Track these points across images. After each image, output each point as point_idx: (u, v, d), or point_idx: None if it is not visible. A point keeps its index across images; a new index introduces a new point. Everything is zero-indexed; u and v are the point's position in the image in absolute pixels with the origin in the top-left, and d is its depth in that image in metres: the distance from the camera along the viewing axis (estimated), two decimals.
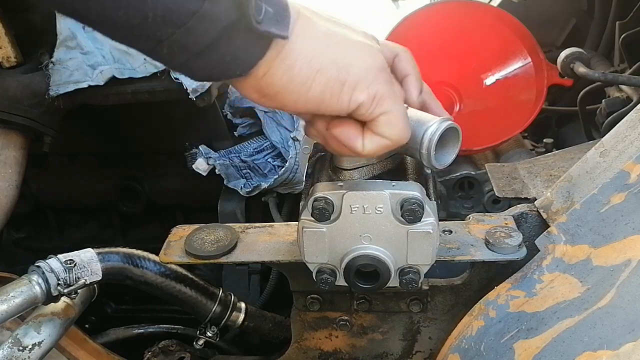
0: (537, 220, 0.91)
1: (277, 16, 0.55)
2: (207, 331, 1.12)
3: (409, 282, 0.79)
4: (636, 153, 0.77)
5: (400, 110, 0.65)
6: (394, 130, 0.65)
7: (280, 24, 0.55)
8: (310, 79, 0.58)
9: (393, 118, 0.64)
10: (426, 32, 1.52)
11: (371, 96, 0.61)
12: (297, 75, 0.58)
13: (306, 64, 0.58)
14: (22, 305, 0.90)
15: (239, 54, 0.55)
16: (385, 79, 0.63)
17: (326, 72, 0.59)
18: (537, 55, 1.50)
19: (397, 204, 0.74)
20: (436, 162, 0.73)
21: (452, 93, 1.52)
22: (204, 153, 1.45)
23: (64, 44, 1.30)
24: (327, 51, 0.59)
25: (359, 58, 0.61)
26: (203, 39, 0.52)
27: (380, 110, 0.63)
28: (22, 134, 1.34)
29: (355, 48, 0.61)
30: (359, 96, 0.61)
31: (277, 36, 0.55)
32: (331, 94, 0.60)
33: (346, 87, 0.60)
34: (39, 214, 1.73)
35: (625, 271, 0.71)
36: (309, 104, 0.60)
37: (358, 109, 0.62)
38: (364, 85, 0.61)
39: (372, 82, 0.61)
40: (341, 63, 0.59)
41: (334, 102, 0.61)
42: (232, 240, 0.93)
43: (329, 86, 0.59)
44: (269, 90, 0.59)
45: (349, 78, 0.60)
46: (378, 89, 0.62)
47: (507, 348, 0.76)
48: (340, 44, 0.60)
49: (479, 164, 1.55)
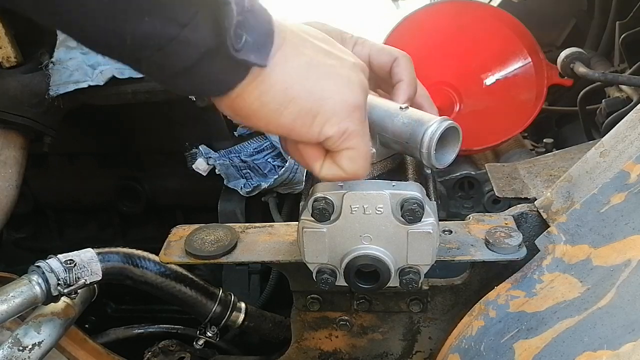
0: (537, 220, 0.91)
1: (258, 44, 0.56)
2: (207, 331, 1.12)
3: (409, 282, 0.79)
4: (636, 153, 0.77)
5: (364, 150, 0.66)
6: (353, 166, 0.66)
7: (261, 51, 0.56)
8: (282, 106, 0.59)
9: (355, 155, 0.65)
10: (426, 32, 1.52)
11: (340, 131, 0.62)
12: (270, 101, 0.59)
13: (281, 92, 0.59)
14: (22, 305, 0.89)
15: (217, 77, 0.56)
16: (359, 117, 0.64)
17: (300, 103, 0.60)
18: (537, 55, 1.50)
19: (397, 204, 0.74)
20: (436, 161, 0.73)
21: (452, 93, 1.52)
22: (204, 153, 1.45)
23: (64, 44, 1.30)
24: (305, 82, 0.60)
25: (336, 93, 0.61)
26: (181, 62, 0.53)
27: (345, 145, 0.64)
28: (22, 134, 1.33)
29: (334, 82, 0.62)
30: (328, 130, 0.62)
31: (254, 64, 0.56)
32: (302, 123, 0.61)
33: (317, 120, 0.61)
34: (39, 214, 1.73)
35: (625, 271, 0.71)
36: (279, 129, 0.62)
37: (326, 140, 0.63)
38: (335, 121, 0.62)
39: (344, 118, 0.62)
40: (317, 95, 0.60)
41: (304, 132, 0.62)
42: (232, 240, 0.93)
43: (300, 116, 0.60)
44: (241, 112, 0.60)
45: (321, 111, 0.61)
46: (348, 126, 0.63)
47: (507, 348, 0.76)
48: (320, 76, 0.61)
49: (479, 164, 1.55)
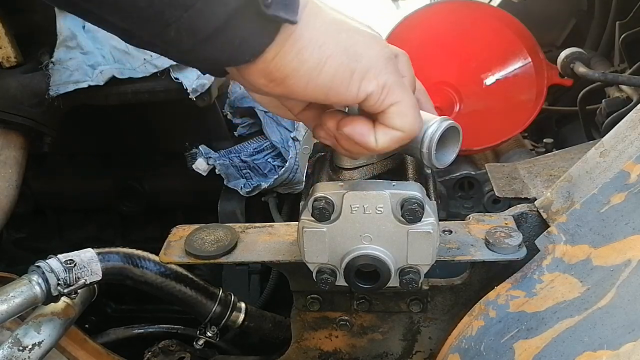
0: (537, 220, 0.91)
1: (286, 0, 0.54)
2: (207, 331, 1.12)
3: (409, 282, 0.79)
4: (636, 153, 0.77)
5: (410, 100, 0.64)
6: (406, 121, 0.63)
7: (289, 8, 0.54)
8: (321, 63, 0.57)
9: (404, 108, 0.63)
10: (426, 32, 1.52)
11: (380, 85, 0.60)
12: (308, 59, 0.57)
13: (317, 49, 0.57)
14: (22, 305, 0.89)
15: (247, 38, 0.54)
16: (394, 69, 0.62)
17: (337, 59, 0.58)
18: (537, 55, 1.50)
19: (397, 203, 0.74)
20: (437, 161, 0.73)
21: (452, 93, 1.52)
22: (204, 153, 1.45)
23: (64, 44, 1.30)
24: (338, 38, 0.58)
25: (368, 47, 0.60)
26: (211, 22, 0.51)
27: (390, 100, 0.62)
28: (22, 134, 1.34)
29: (364, 37, 0.61)
30: (367, 85, 0.60)
31: (285, 21, 0.54)
32: (341, 81, 0.59)
33: (356, 75, 0.59)
34: (39, 214, 1.73)
35: (625, 271, 0.71)
36: (317, 90, 0.59)
37: (367, 99, 0.61)
38: (372, 75, 0.60)
39: (380, 71, 0.60)
40: (351, 50, 0.59)
41: (343, 90, 0.60)
42: (232, 240, 0.93)
43: (339, 73, 0.58)
44: (278, 74, 0.58)
45: (358, 66, 0.59)
46: (387, 78, 0.61)
47: (507, 348, 0.76)
48: (350, 32, 0.60)
49: (479, 164, 1.55)
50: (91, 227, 1.77)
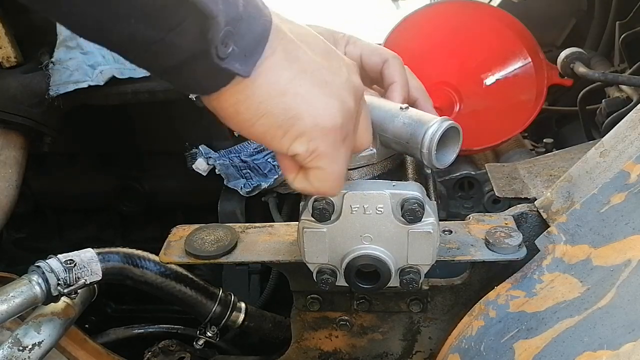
0: (537, 220, 0.91)
1: (246, 52, 0.56)
2: (207, 331, 1.12)
3: (410, 282, 0.79)
4: (636, 153, 0.77)
5: (333, 171, 0.65)
6: (321, 185, 0.66)
7: (247, 60, 0.56)
8: (255, 117, 0.59)
9: (323, 175, 0.65)
10: (426, 32, 1.52)
11: (309, 151, 0.62)
12: (243, 111, 0.59)
13: (254, 105, 0.59)
14: (22, 305, 0.89)
15: (201, 80, 0.57)
16: (333, 139, 0.63)
17: (272, 118, 0.60)
18: (537, 55, 1.50)
19: (397, 204, 0.74)
20: (437, 161, 0.73)
21: (452, 93, 1.52)
22: (204, 153, 1.45)
23: (64, 44, 1.30)
24: (282, 99, 0.59)
25: (311, 114, 0.61)
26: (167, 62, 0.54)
27: (314, 164, 0.64)
28: (22, 134, 1.34)
29: (313, 102, 0.61)
30: (297, 147, 0.62)
31: (237, 74, 0.56)
32: (272, 136, 0.61)
33: (287, 136, 0.61)
34: (39, 214, 1.72)
35: (625, 271, 0.71)
36: (251, 137, 0.63)
37: (295, 156, 0.64)
38: (304, 140, 0.61)
39: (314, 138, 0.62)
40: (290, 114, 0.60)
41: (275, 144, 0.62)
42: (232, 240, 0.93)
43: (270, 130, 0.61)
44: (219, 113, 0.61)
45: (292, 129, 0.61)
46: (318, 146, 0.62)
47: (507, 348, 0.76)
48: (298, 95, 0.60)
49: (479, 164, 1.55)
50: (91, 227, 1.77)
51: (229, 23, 0.53)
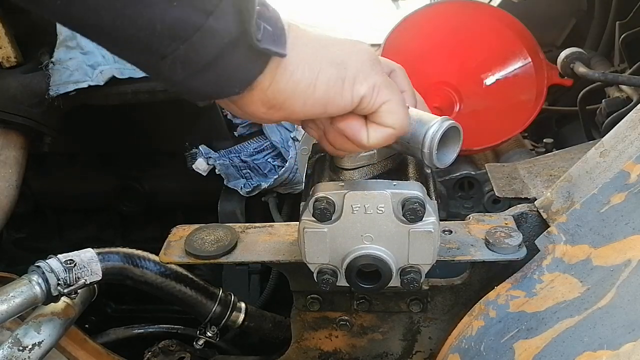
0: (537, 220, 0.91)
1: (275, 34, 0.56)
2: (207, 331, 1.12)
3: (410, 282, 0.79)
4: (636, 153, 0.77)
5: (399, 99, 0.67)
6: (396, 118, 0.66)
7: (278, 41, 0.57)
8: (313, 79, 0.60)
9: (394, 106, 0.66)
10: (426, 32, 1.52)
11: (371, 87, 0.63)
12: (301, 78, 0.59)
13: (307, 67, 0.60)
14: (22, 305, 0.89)
15: (237, 71, 0.56)
16: (380, 70, 0.65)
17: (326, 72, 0.61)
18: (537, 55, 1.50)
19: (398, 203, 0.74)
20: (438, 161, 0.73)
21: (452, 93, 1.52)
22: (204, 153, 1.45)
23: (64, 44, 1.30)
24: (322, 53, 0.61)
25: (351, 54, 0.63)
26: (205, 55, 0.52)
27: (381, 99, 0.64)
28: (22, 134, 1.34)
29: (345, 46, 0.64)
30: (360, 89, 0.63)
31: (275, 54, 0.57)
32: (335, 91, 0.61)
33: (347, 83, 0.62)
34: (39, 214, 1.73)
35: (625, 271, 0.71)
36: (315, 106, 0.62)
37: (361, 102, 0.64)
38: (362, 78, 0.63)
39: (368, 74, 0.63)
40: (337, 61, 0.61)
41: (339, 100, 0.62)
42: (232, 240, 0.93)
43: (331, 84, 0.61)
44: (276, 100, 0.60)
45: (347, 74, 0.62)
46: (376, 79, 0.64)
47: (507, 348, 0.76)
48: (331, 45, 0.62)
49: (479, 164, 1.55)
50: (91, 227, 1.77)
51: (258, 3, 0.53)
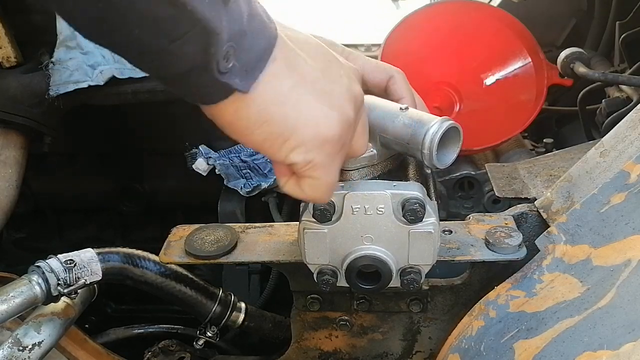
0: (537, 220, 0.91)
1: (247, 67, 0.56)
2: (207, 331, 1.12)
3: (411, 282, 0.80)
4: (636, 153, 0.77)
5: (326, 181, 0.66)
6: (313, 193, 0.67)
7: (248, 75, 0.56)
8: (255, 126, 0.60)
9: (317, 185, 0.66)
10: (426, 32, 1.52)
11: (306, 161, 0.63)
12: (243, 119, 0.59)
13: (254, 114, 0.59)
14: (22, 305, 0.89)
15: (202, 91, 0.57)
16: (329, 150, 0.63)
17: (272, 126, 0.60)
18: (537, 55, 1.50)
19: (398, 204, 0.74)
20: (438, 161, 0.73)
21: (452, 93, 1.52)
22: (204, 153, 1.45)
23: (64, 44, 1.30)
24: (284, 107, 0.60)
25: (309, 125, 0.61)
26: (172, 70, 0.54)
27: (309, 174, 0.64)
28: (22, 134, 1.34)
29: (313, 112, 0.61)
30: (295, 157, 0.62)
31: (236, 89, 0.56)
32: (270, 145, 0.61)
33: (286, 145, 0.61)
34: (39, 214, 1.73)
35: (625, 271, 0.71)
36: (249, 145, 0.63)
37: (291, 165, 0.64)
38: (302, 150, 0.62)
39: (311, 149, 0.62)
40: (290, 122, 0.60)
41: (272, 152, 0.62)
42: (232, 240, 0.93)
43: (270, 138, 0.61)
44: (217, 121, 0.61)
45: (291, 138, 0.61)
46: (314, 157, 0.63)
47: (507, 348, 0.76)
48: (298, 105, 0.60)
49: (479, 164, 1.55)
50: (91, 227, 1.77)
51: (231, 39, 0.53)
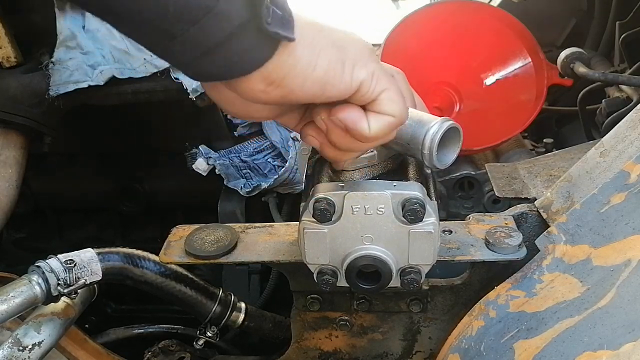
0: (537, 220, 0.91)
1: (283, 18, 0.56)
2: (207, 331, 1.12)
3: (411, 282, 0.79)
4: (636, 153, 0.77)
5: (396, 88, 0.67)
6: (396, 106, 0.66)
7: (287, 26, 0.57)
8: (314, 58, 0.60)
9: (393, 94, 0.66)
10: (426, 32, 1.52)
11: (370, 73, 0.64)
12: (302, 56, 0.59)
13: (309, 46, 0.60)
14: (22, 305, 0.89)
15: (247, 53, 0.56)
16: (377, 60, 0.66)
17: (327, 52, 0.61)
18: (537, 55, 1.50)
19: (398, 204, 0.74)
20: (438, 162, 0.73)
21: (452, 93, 1.52)
22: (204, 153, 1.45)
23: (64, 44, 1.30)
24: (325, 35, 0.62)
25: (352, 41, 0.64)
26: (214, 37, 0.53)
27: (380, 87, 0.65)
28: (22, 134, 1.34)
29: (345, 34, 0.64)
30: (359, 74, 0.63)
31: (284, 38, 0.56)
32: (334, 72, 0.62)
33: (347, 66, 0.62)
34: (39, 214, 1.73)
35: (625, 271, 0.71)
36: (314, 86, 0.61)
37: (360, 88, 0.64)
38: (362, 64, 0.63)
39: (367, 61, 0.64)
40: (338, 44, 0.62)
41: (337, 81, 0.62)
42: (232, 240, 0.93)
43: (331, 65, 0.61)
44: (275, 76, 0.59)
45: (348, 57, 0.62)
46: (375, 67, 0.64)
47: (507, 348, 0.76)
48: (332, 30, 0.63)
49: (479, 164, 1.55)
50: (91, 227, 1.77)
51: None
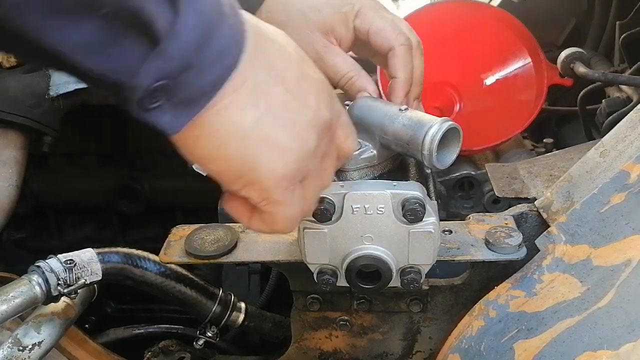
0: (537, 220, 0.91)
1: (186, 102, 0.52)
2: (207, 331, 1.12)
3: (411, 282, 0.80)
4: (636, 153, 0.77)
5: (288, 215, 0.63)
6: (276, 227, 0.64)
7: (182, 113, 0.53)
8: (212, 156, 0.57)
9: (277, 219, 0.63)
10: (426, 32, 1.51)
11: (261, 198, 0.60)
12: (202, 148, 0.56)
13: (214, 146, 0.56)
14: (22, 305, 0.89)
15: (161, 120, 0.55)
16: (285, 186, 0.60)
17: (228, 162, 0.57)
18: (537, 55, 1.50)
19: (398, 204, 0.74)
20: (438, 162, 0.73)
21: (452, 93, 1.52)
22: None
23: None
24: (242, 144, 0.56)
25: (266, 163, 0.58)
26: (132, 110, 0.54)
27: (267, 210, 0.62)
28: (22, 134, 1.33)
29: (272, 149, 0.58)
30: (250, 192, 0.60)
31: (162, 130, 0.54)
32: (227, 178, 0.59)
33: (241, 180, 0.59)
34: (39, 214, 1.72)
35: (625, 271, 0.71)
36: (207, 172, 0.60)
37: (247, 198, 0.61)
38: (258, 187, 0.59)
39: (267, 188, 0.59)
40: (248, 161, 0.57)
41: (227, 183, 0.60)
42: (232, 240, 0.93)
43: (226, 172, 0.58)
44: (177, 142, 0.57)
45: (246, 176, 0.58)
46: (270, 195, 0.60)
47: (507, 348, 0.76)
48: (261, 140, 0.57)
49: (479, 164, 1.55)
50: (91, 227, 1.77)
51: (164, 77, 0.50)
